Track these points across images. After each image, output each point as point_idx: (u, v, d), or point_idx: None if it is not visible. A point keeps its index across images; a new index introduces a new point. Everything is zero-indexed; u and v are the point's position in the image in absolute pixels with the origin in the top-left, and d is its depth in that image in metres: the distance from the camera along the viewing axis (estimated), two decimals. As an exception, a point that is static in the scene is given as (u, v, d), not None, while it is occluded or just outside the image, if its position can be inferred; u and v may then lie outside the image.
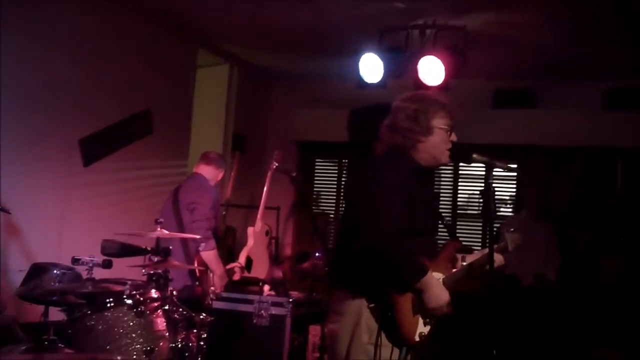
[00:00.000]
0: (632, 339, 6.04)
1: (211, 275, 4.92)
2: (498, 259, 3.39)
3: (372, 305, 3.06)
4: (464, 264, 3.37)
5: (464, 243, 4.00)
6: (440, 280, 3.20)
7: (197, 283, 4.88)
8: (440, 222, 3.67)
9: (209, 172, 5.40)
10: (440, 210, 8.47)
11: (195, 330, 4.21)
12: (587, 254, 7.23)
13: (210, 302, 4.44)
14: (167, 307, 4.15)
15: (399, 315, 3.02)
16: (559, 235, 7.15)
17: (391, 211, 2.98)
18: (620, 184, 7.92)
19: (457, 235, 8.44)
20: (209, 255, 4.99)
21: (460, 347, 5.96)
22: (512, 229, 3.58)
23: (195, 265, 5.15)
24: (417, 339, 3.09)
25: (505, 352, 3.24)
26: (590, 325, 6.37)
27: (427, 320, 3.13)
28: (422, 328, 3.11)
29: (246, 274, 5.94)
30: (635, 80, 7.60)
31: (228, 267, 5.78)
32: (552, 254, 7.01)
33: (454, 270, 3.32)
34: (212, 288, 4.53)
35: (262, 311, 5.27)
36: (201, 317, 4.25)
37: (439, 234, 3.61)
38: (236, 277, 5.78)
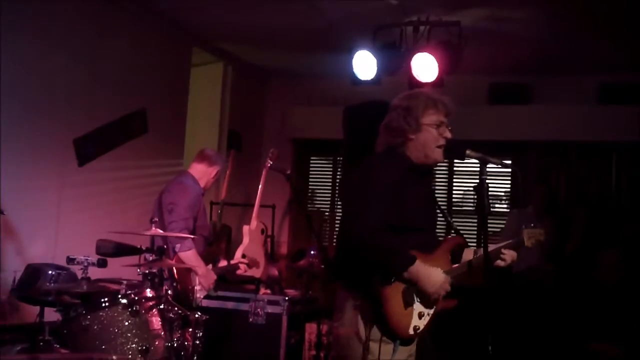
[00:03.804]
0: (631, 333, 6.05)
1: (194, 275, 4.91)
2: (511, 255, 3.39)
3: (358, 303, 3.11)
4: (468, 259, 3.37)
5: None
6: (438, 274, 3.21)
7: (175, 284, 4.86)
8: (443, 219, 3.67)
9: (200, 170, 5.38)
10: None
11: (190, 329, 4.22)
12: (583, 247, 7.22)
13: (194, 300, 4.44)
14: (162, 306, 4.14)
15: (386, 308, 3.04)
16: (557, 231, 7.13)
17: (376, 206, 3.04)
18: (615, 178, 7.93)
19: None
20: (187, 255, 4.96)
21: (457, 339, 5.95)
22: (532, 224, 3.55)
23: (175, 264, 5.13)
24: (411, 332, 3.11)
25: (503, 347, 3.24)
26: (588, 320, 6.37)
27: (422, 313, 3.13)
28: (417, 321, 3.12)
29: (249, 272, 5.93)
30: (629, 74, 7.62)
31: (233, 262, 5.78)
32: (552, 251, 7.00)
33: (454, 266, 3.32)
34: (197, 287, 4.52)
35: (258, 309, 5.27)
36: (196, 316, 4.24)
37: (443, 230, 3.61)
38: (240, 272, 5.77)
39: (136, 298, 4.06)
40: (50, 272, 4.51)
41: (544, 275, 6.91)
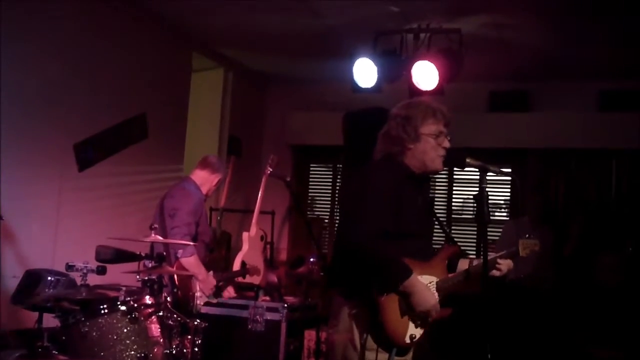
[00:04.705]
0: (631, 337, 6.03)
1: (194, 281, 4.90)
2: (507, 264, 3.38)
3: (355, 311, 3.11)
4: (465, 269, 3.35)
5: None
6: (434, 283, 3.21)
7: (175, 290, 4.86)
8: (439, 227, 3.66)
9: (202, 176, 5.38)
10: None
11: (189, 336, 4.20)
12: (582, 252, 7.21)
13: (194, 306, 4.43)
14: (161, 313, 4.13)
15: (383, 316, 3.03)
16: (556, 238, 7.13)
17: (373, 212, 3.03)
18: (615, 185, 7.93)
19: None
20: (189, 261, 4.96)
21: (455, 348, 5.94)
22: (527, 235, 3.55)
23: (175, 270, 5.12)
24: (407, 340, 3.10)
25: (503, 354, 3.22)
26: (588, 324, 6.36)
27: (419, 322, 3.13)
28: (414, 330, 3.11)
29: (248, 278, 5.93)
30: (629, 81, 7.63)
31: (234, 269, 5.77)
32: (551, 258, 6.98)
33: (450, 275, 3.31)
34: (198, 294, 4.52)
35: (257, 316, 5.26)
36: (195, 323, 4.23)
37: (438, 238, 3.60)
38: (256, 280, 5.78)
39: (135, 305, 4.04)
40: (49, 278, 4.50)
41: (541, 281, 6.90)
